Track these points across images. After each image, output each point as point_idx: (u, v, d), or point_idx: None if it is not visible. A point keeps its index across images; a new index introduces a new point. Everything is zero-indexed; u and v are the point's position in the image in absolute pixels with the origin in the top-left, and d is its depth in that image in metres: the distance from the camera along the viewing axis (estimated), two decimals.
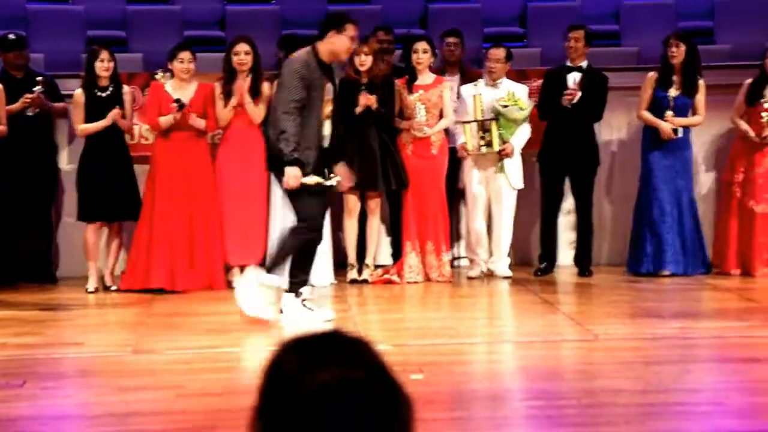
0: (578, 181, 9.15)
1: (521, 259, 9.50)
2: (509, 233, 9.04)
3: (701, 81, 8.98)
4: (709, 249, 9.16)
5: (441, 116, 8.86)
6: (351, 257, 8.92)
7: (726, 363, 6.04)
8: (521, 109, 8.81)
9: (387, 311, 7.80)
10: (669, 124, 8.90)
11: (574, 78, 9.02)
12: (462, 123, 8.89)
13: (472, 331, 6.94)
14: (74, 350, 6.46)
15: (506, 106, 8.74)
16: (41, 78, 8.82)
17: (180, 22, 11.03)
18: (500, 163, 8.88)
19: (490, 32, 10.99)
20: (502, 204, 8.97)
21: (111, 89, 8.57)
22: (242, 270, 8.74)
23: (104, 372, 5.93)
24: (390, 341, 6.22)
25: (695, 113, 9.03)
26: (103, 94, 8.55)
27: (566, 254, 9.47)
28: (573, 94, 8.88)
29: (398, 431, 1.66)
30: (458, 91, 9.02)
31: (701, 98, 8.97)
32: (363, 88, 8.67)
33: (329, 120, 7.05)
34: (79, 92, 8.59)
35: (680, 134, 8.95)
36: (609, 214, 9.77)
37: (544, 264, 9.23)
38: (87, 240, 8.66)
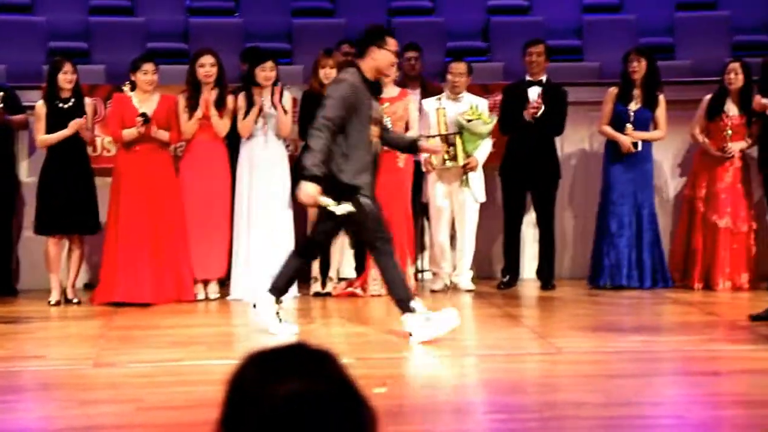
0: (540, 195, 9.20)
1: (484, 273, 9.53)
2: (472, 246, 9.08)
3: (661, 96, 9.07)
4: (669, 263, 9.21)
5: (407, 129, 8.88)
6: (314, 270, 8.91)
7: (688, 376, 6.07)
8: (486, 123, 8.84)
9: (350, 324, 7.79)
10: (629, 138, 8.97)
11: (536, 92, 9.07)
12: (426, 137, 8.90)
13: (436, 344, 6.94)
14: (35, 363, 6.41)
15: (471, 121, 8.78)
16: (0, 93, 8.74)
17: (143, 34, 11.01)
18: (464, 177, 8.91)
19: (454, 46, 11.04)
20: (466, 217, 9.01)
21: (73, 101, 8.52)
22: (205, 284, 8.73)
23: (65, 385, 5.88)
24: (353, 354, 6.21)
25: (656, 128, 9.11)
26: (65, 106, 8.50)
27: (529, 267, 9.51)
28: (537, 108, 8.93)
29: None
30: (420, 105, 9.05)
31: (662, 113, 9.06)
32: None
33: (377, 140, 6.85)
34: (41, 104, 8.54)
35: (639, 148, 9.02)
36: (571, 228, 9.83)
37: (507, 277, 9.27)
38: (48, 252, 8.60)
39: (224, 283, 8.82)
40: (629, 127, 9.00)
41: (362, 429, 1.66)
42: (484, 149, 8.97)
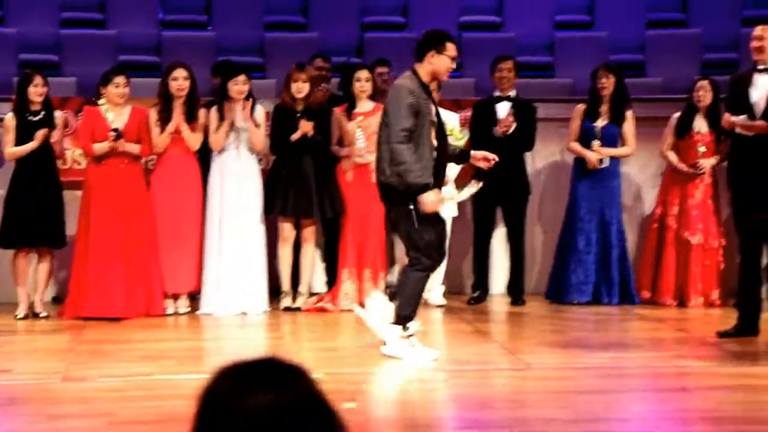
0: (510, 211, 9.23)
1: (455, 288, 9.54)
2: (443, 262, 9.07)
3: (629, 112, 9.13)
4: (638, 280, 9.24)
5: None
6: (285, 285, 8.89)
7: (656, 393, 6.10)
8: (458, 140, 8.86)
9: (320, 339, 7.78)
10: (595, 154, 9.03)
11: (505, 108, 9.10)
12: None
13: (405, 360, 6.94)
14: (3, 377, 6.35)
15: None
16: None
17: (114, 47, 10.98)
18: None
19: None
20: None
21: (43, 114, 8.47)
22: (175, 298, 8.69)
23: (34, 400, 5.84)
24: (323, 369, 6.20)
25: (624, 144, 9.16)
26: (35, 119, 8.45)
27: (499, 283, 9.53)
28: (509, 126, 8.96)
29: None
30: None
31: (630, 129, 9.12)
32: (299, 116, 8.68)
33: (434, 143, 6.80)
34: (10, 116, 8.49)
35: (606, 164, 9.08)
36: (541, 244, 9.86)
37: (477, 293, 9.29)
38: (16, 265, 8.54)
39: (194, 297, 8.78)
40: (596, 144, 9.06)
41: None
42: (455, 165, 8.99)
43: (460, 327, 8.14)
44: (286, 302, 8.83)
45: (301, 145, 8.67)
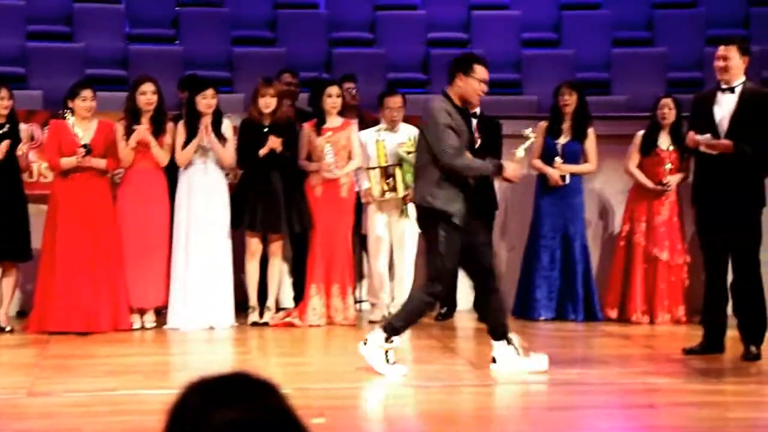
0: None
1: None
2: (411, 277, 9.09)
3: (591, 129, 9.20)
4: (605, 297, 9.28)
5: (350, 158, 8.91)
6: (252, 299, 8.86)
7: (623, 409, 6.12)
8: None
9: (288, 354, 7.76)
10: (557, 171, 9.09)
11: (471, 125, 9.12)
12: (366, 169, 8.95)
13: (373, 376, 6.93)
14: None
15: (410, 153, 8.81)
16: None
17: (82, 60, 10.93)
18: (404, 208, 8.95)
19: (394, 78, 11.09)
20: (405, 248, 9.04)
21: (8, 126, 8.42)
22: (141, 313, 8.65)
23: None
24: (291, 385, 6.18)
25: (586, 161, 9.22)
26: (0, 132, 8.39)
27: (466, 299, 9.53)
28: (476, 141, 8.99)
29: None
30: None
31: (591, 146, 9.19)
32: (267, 131, 8.68)
33: None
34: None
35: (567, 181, 9.14)
36: (506, 260, 9.88)
37: (445, 309, 9.29)
38: None
39: (161, 312, 8.74)
40: (558, 161, 9.13)
41: None
42: None
43: (428, 343, 8.14)
44: (254, 317, 8.80)
45: (269, 160, 8.66)
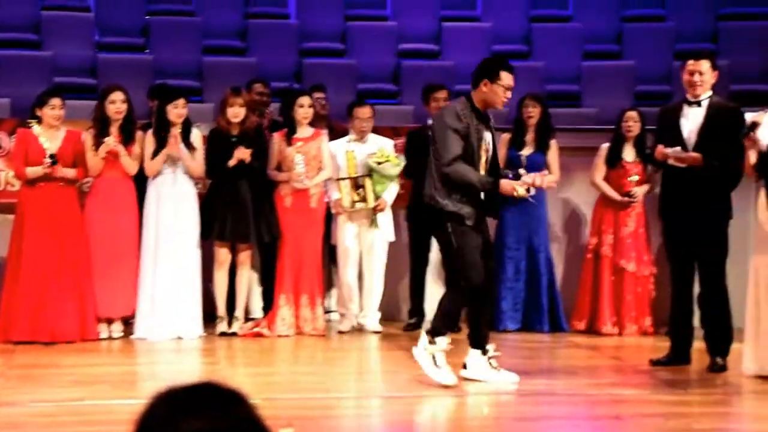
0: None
1: (391, 314, 9.54)
2: (380, 288, 9.11)
3: (554, 141, 9.25)
4: (573, 310, 9.31)
5: (320, 169, 8.90)
6: (220, 309, 8.84)
7: (591, 420, 6.14)
8: (396, 166, 8.92)
9: (257, 365, 7.74)
10: (522, 184, 9.09)
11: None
12: (336, 179, 8.96)
13: (342, 386, 6.94)
14: None
15: (381, 163, 8.84)
16: None
17: (50, 68, 10.88)
18: (374, 218, 8.96)
19: (364, 88, 11.11)
20: (374, 258, 9.05)
21: None
22: (109, 322, 8.60)
23: None
24: (259, 395, 6.16)
25: (549, 172, 9.25)
26: None
27: (433, 310, 9.53)
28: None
29: None
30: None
31: (554, 158, 9.23)
32: (235, 141, 8.67)
33: (485, 169, 6.70)
34: None
35: (533, 192, 9.16)
36: None
37: (414, 319, 9.30)
38: None
39: (129, 322, 8.70)
40: (522, 172, 9.14)
41: None
42: (393, 190, 9.05)
43: (397, 354, 8.14)
44: (222, 327, 8.78)
45: (238, 170, 8.65)
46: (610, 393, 6.70)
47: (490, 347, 6.83)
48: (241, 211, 8.68)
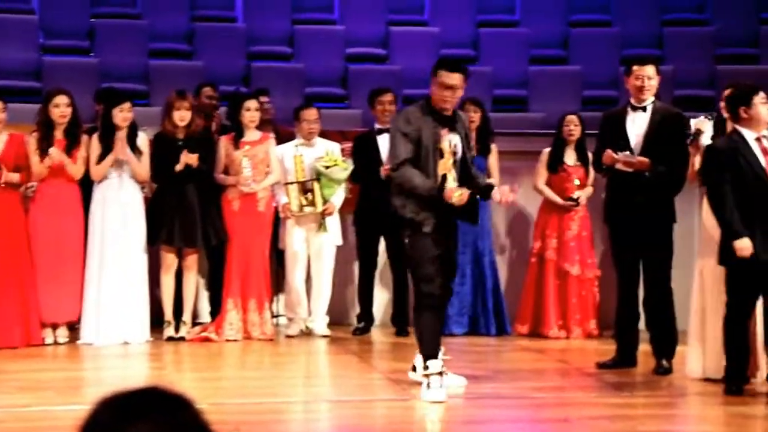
0: (392, 242, 9.26)
1: (339, 319, 9.53)
2: (328, 292, 9.10)
3: (494, 145, 9.30)
4: (517, 313, 9.35)
5: (268, 173, 8.88)
6: (167, 314, 8.78)
7: (537, 423, 6.17)
8: (344, 170, 8.92)
9: (204, 369, 7.70)
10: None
11: (386, 141, 9.15)
12: (284, 184, 8.94)
13: (290, 390, 6.92)
14: None
15: (329, 167, 8.83)
16: None
17: None
18: (322, 222, 8.95)
19: (312, 92, 11.09)
20: (323, 263, 9.04)
21: None
22: (54, 327, 8.51)
23: None
24: (206, 400, 6.13)
25: (489, 176, 9.30)
26: None
27: (384, 313, 9.56)
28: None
29: None
30: None
31: (494, 162, 9.29)
32: (181, 144, 8.62)
33: (451, 173, 6.49)
34: None
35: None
36: None
37: (363, 323, 9.30)
38: None
39: (74, 327, 8.62)
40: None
41: None
42: (341, 194, 9.05)
43: (345, 358, 8.14)
44: (169, 332, 8.72)
45: (184, 174, 8.60)
46: (557, 396, 6.74)
47: (440, 351, 6.83)
48: (188, 216, 8.64)
